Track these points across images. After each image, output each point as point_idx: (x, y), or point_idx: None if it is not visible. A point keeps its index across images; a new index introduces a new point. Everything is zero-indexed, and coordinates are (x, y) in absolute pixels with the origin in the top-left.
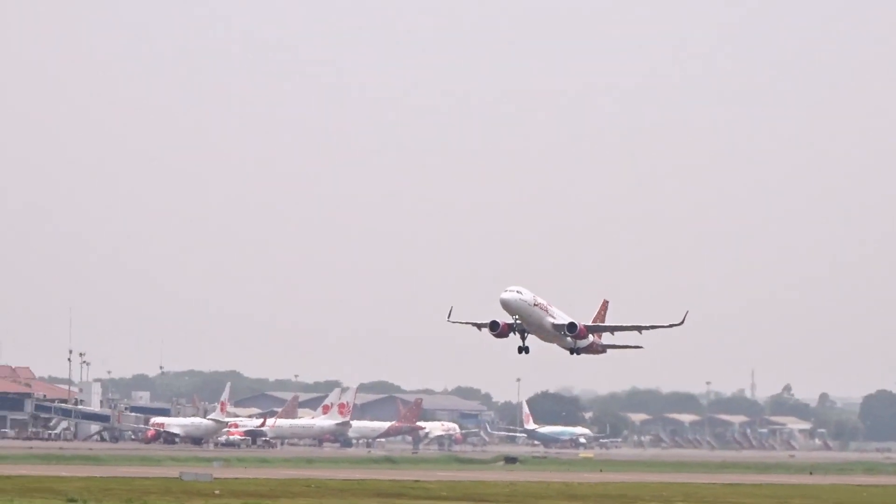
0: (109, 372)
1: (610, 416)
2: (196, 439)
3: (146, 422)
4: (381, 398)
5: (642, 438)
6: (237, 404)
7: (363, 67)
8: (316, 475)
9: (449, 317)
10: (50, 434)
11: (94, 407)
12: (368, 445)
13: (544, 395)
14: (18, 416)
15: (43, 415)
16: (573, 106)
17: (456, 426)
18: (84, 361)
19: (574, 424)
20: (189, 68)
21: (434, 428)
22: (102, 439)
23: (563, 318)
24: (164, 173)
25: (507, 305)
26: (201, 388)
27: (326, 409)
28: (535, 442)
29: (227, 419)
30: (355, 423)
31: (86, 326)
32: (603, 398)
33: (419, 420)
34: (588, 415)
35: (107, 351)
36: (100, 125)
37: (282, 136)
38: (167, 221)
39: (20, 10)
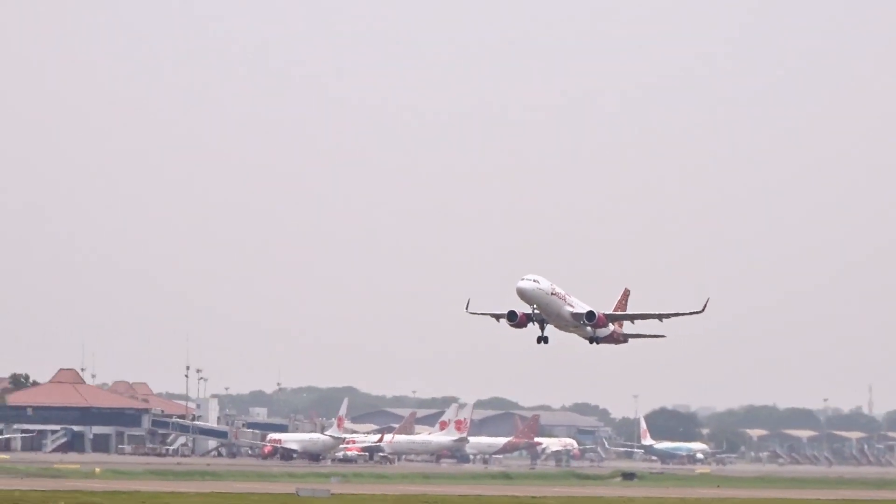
0: (227, 388)
1: (727, 431)
2: (313, 455)
3: (263, 438)
4: (499, 414)
5: (759, 454)
6: (354, 420)
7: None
8: (433, 491)
9: (467, 308)
10: (167, 450)
11: (212, 423)
12: (486, 461)
13: (662, 412)
14: (136, 431)
15: (160, 430)
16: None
17: (573, 442)
18: (201, 377)
19: (691, 440)
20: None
21: (551, 444)
22: (220, 455)
23: (581, 307)
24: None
25: (523, 294)
26: (318, 405)
27: (444, 426)
28: (653, 458)
29: (344, 435)
30: (472, 439)
31: (203, 343)
32: (720, 414)
33: (537, 436)
34: (705, 431)
35: (224, 367)
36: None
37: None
38: (290, 242)
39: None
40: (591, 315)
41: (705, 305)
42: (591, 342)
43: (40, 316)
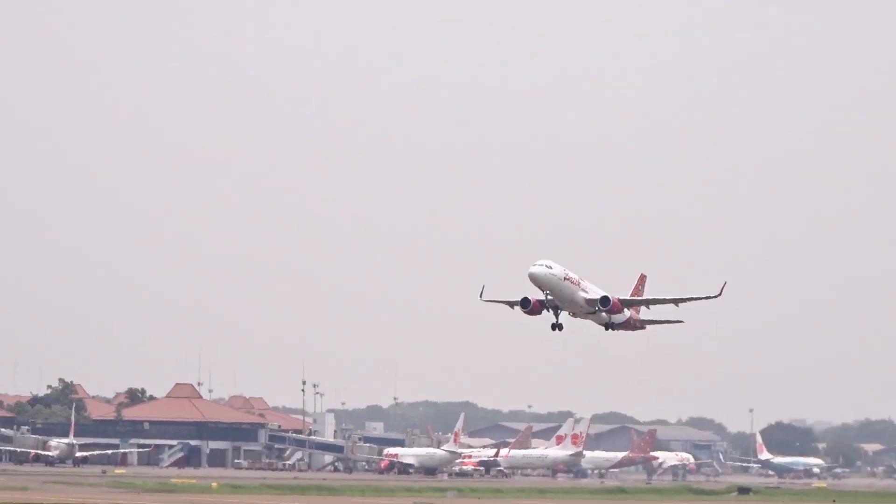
0: (343, 403)
1: (843, 446)
2: (430, 470)
3: (380, 452)
4: (615, 428)
5: (875, 469)
6: (471, 435)
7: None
8: None
9: (481, 296)
10: (284, 464)
11: (328, 437)
12: (602, 476)
13: (777, 426)
14: (252, 446)
15: (277, 445)
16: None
17: (690, 456)
18: (317, 392)
19: (807, 455)
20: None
21: (668, 458)
22: (336, 469)
23: (595, 292)
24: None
25: (535, 280)
26: (435, 419)
27: (560, 440)
28: (769, 472)
29: (460, 450)
30: (589, 454)
31: (320, 357)
32: (836, 429)
33: (653, 450)
34: (821, 445)
35: (341, 382)
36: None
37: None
38: (401, 261)
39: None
40: (605, 300)
41: (722, 289)
42: (606, 328)
43: (157, 331)
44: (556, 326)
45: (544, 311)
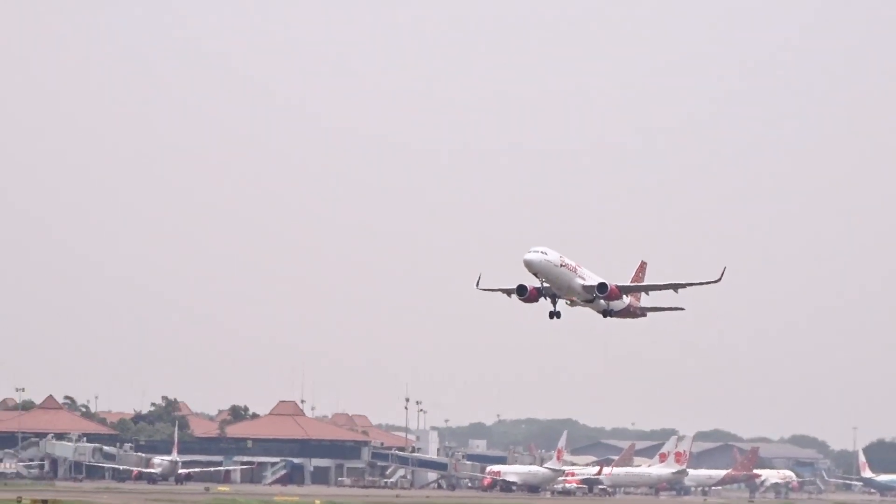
0: (447, 420)
1: None
2: (532, 487)
3: (483, 470)
4: (717, 446)
5: None
6: (573, 452)
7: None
8: None
9: (477, 284)
10: (386, 482)
11: (431, 455)
12: (705, 493)
13: (880, 444)
14: (355, 464)
15: (380, 463)
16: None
17: (792, 474)
18: (421, 409)
19: None
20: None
21: (770, 476)
22: (439, 487)
23: (593, 279)
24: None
25: (530, 266)
26: (538, 436)
27: (663, 458)
28: (871, 490)
29: (563, 467)
30: (692, 472)
31: (423, 375)
32: None
33: (755, 468)
34: None
35: (444, 399)
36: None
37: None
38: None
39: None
40: (602, 287)
41: (722, 274)
42: (604, 316)
43: (261, 348)
44: (554, 314)
45: (541, 300)
